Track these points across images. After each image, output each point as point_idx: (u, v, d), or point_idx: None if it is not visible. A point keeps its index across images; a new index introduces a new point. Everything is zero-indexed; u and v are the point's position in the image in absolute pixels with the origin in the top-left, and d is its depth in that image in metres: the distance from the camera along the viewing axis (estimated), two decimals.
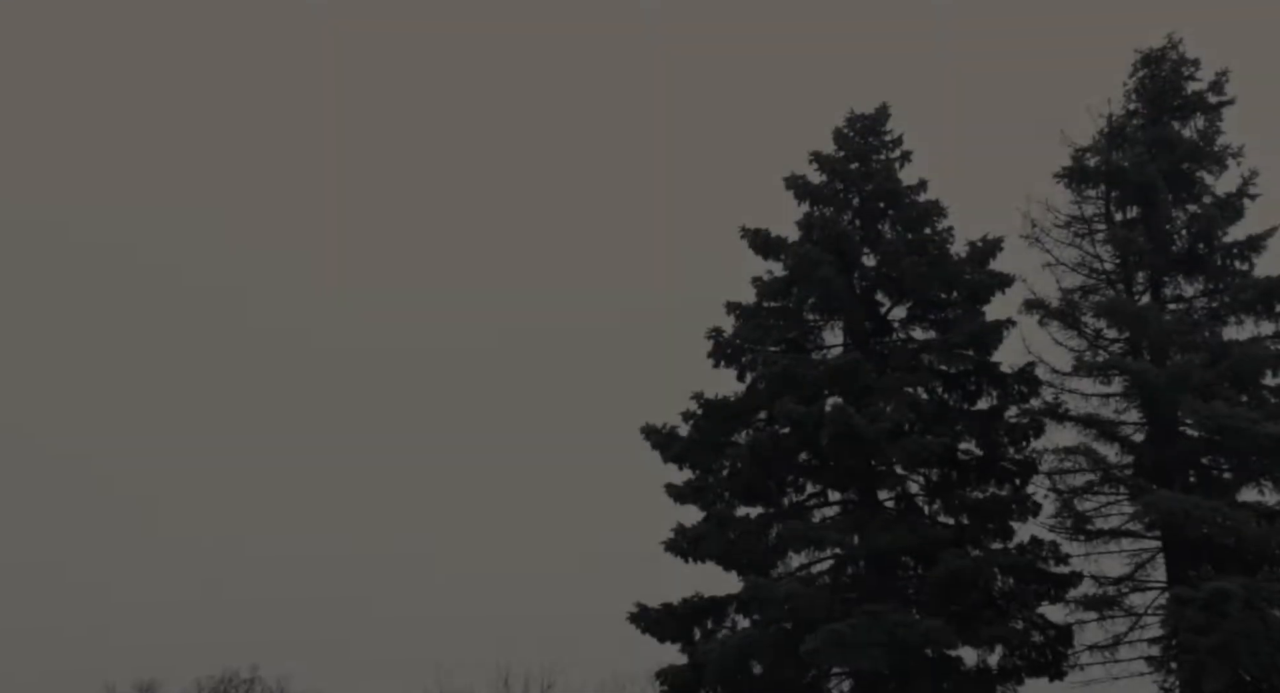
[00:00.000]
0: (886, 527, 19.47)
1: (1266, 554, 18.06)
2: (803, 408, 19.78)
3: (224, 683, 52.66)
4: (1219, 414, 18.07)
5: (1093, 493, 19.83)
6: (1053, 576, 19.89)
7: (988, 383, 21.28)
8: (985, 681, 19.32)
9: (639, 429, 21.39)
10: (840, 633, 17.79)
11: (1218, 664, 16.46)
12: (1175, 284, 21.01)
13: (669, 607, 20.30)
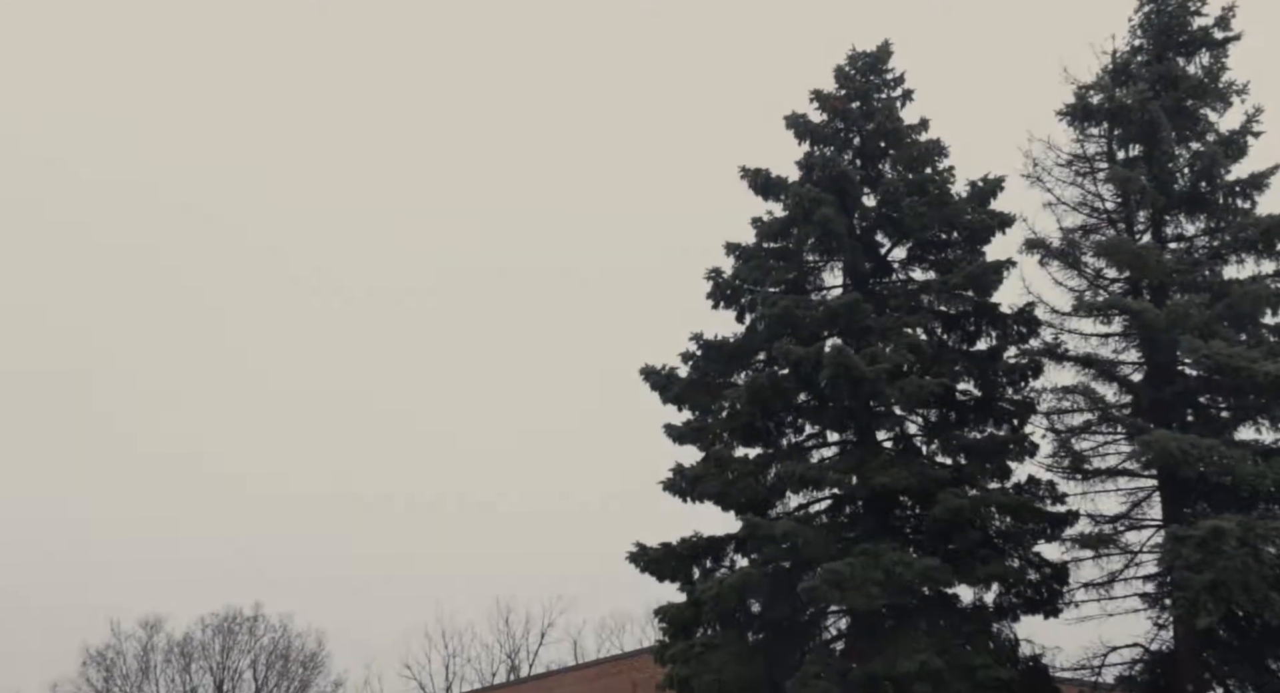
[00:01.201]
0: (885, 467, 19.51)
1: (1262, 492, 18.10)
2: (802, 349, 19.80)
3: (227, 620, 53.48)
4: (1218, 353, 18.03)
5: (1090, 433, 19.88)
6: (1049, 514, 20.00)
7: (987, 323, 21.27)
8: (981, 618, 19.47)
9: (638, 370, 21.47)
10: (838, 572, 17.91)
11: (1212, 600, 16.56)
12: (1177, 223, 20.92)
13: (668, 546, 20.45)
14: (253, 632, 53.82)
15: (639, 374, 21.39)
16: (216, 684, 52.85)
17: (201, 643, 53.32)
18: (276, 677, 54.24)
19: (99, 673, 52.69)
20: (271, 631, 54.22)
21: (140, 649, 53.08)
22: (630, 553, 20.61)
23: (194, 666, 53.08)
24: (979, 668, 18.07)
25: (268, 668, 53.89)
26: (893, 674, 17.98)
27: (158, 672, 52.96)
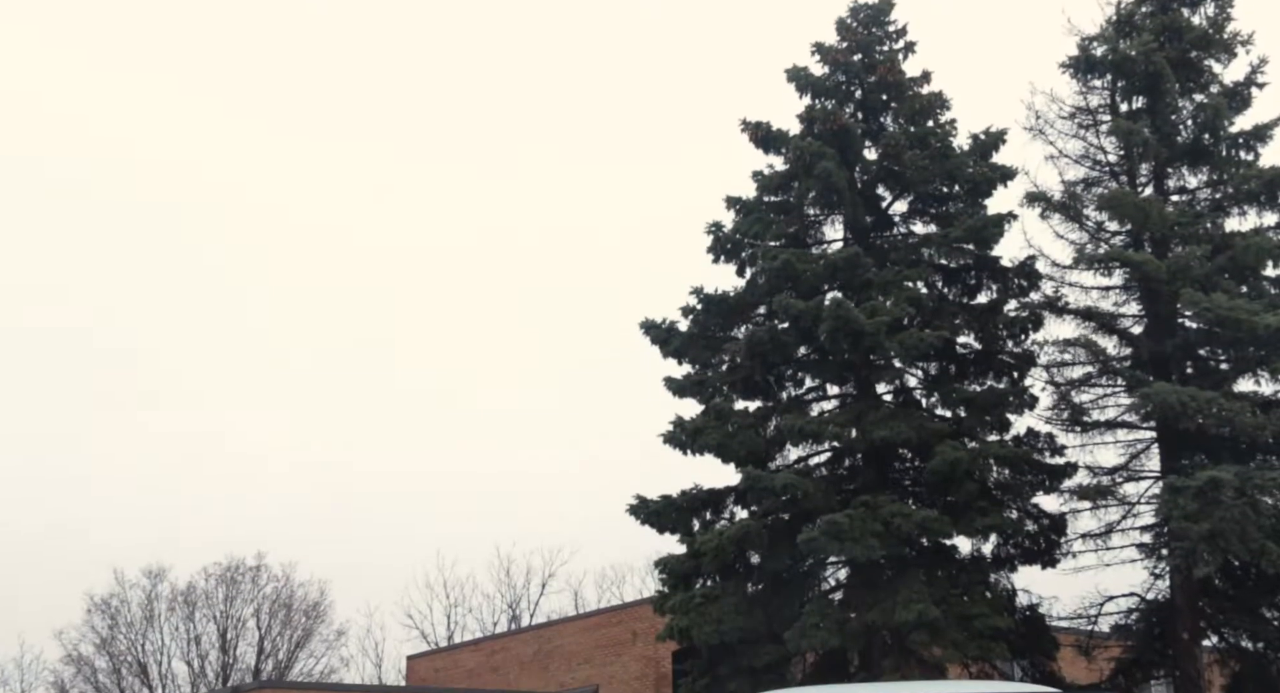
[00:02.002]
0: (884, 420, 19.60)
1: (1260, 443, 18.24)
2: (802, 302, 19.82)
3: (230, 570, 53.94)
4: (1218, 306, 18.07)
5: (1090, 385, 19.97)
6: (1048, 466, 20.13)
7: (988, 277, 21.29)
8: (979, 568, 19.66)
9: (638, 324, 21.52)
10: (837, 523, 18.04)
11: (1208, 550, 16.73)
12: (1179, 176, 20.88)
13: (668, 499, 20.58)
14: (255, 582, 54.27)
15: (639, 328, 21.44)
16: (220, 633, 53.39)
17: (205, 592, 53.78)
18: (279, 626, 54.79)
19: (103, 621, 53.24)
20: (274, 580, 54.68)
21: (144, 598, 53.58)
22: (630, 505, 20.74)
23: (197, 614, 53.58)
24: (976, 618, 18.27)
25: (271, 617, 54.42)
26: (891, 624, 18.19)
27: (162, 620, 53.49)
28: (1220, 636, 20.17)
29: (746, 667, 18.91)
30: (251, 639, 53.72)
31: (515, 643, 33.77)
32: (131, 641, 53.09)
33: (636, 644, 28.45)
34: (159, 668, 52.85)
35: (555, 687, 30.68)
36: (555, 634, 32.13)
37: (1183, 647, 18.90)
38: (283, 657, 54.19)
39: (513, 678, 32.24)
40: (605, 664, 29.38)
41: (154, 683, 52.57)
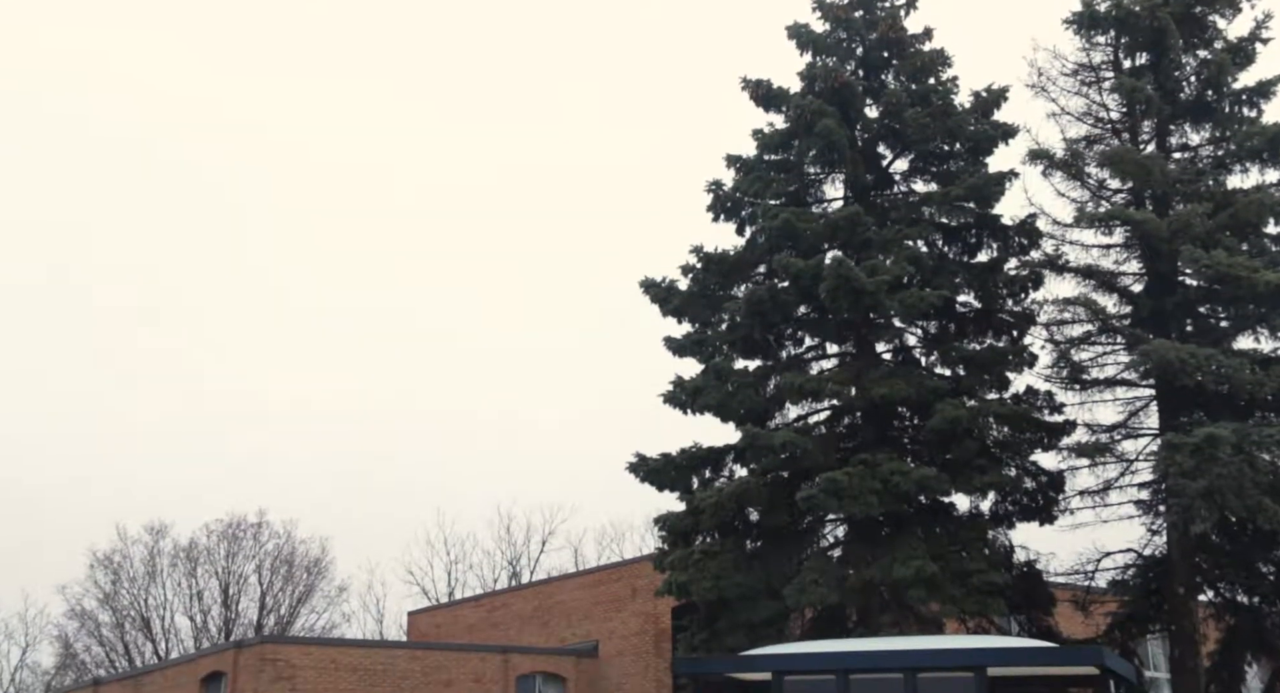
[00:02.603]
0: (884, 378, 19.63)
1: (1259, 400, 18.29)
2: (802, 261, 19.78)
3: (232, 527, 54.27)
4: (1219, 263, 18.05)
5: (1090, 343, 20.00)
6: (1047, 424, 20.19)
7: (988, 235, 21.25)
8: (977, 525, 19.76)
9: (638, 283, 21.49)
10: (836, 481, 18.11)
11: (1205, 507, 16.80)
12: (1182, 133, 20.78)
13: (667, 457, 20.65)
14: (257, 538, 54.59)
15: (639, 287, 21.42)
16: (222, 588, 53.77)
17: (207, 549, 54.12)
18: (281, 582, 55.17)
19: (106, 576, 53.61)
20: (276, 537, 55.03)
21: (147, 554, 53.91)
22: (630, 463, 20.82)
23: (200, 570, 53.96)
24: (974, 574, 18.39)
25: (272, 573, 54.79)
26: (889, 580, 18.32)
27: (164, 576, 53.87)
28: (1216, 591, 20.35)
29: (745, 622, 19.07)
30: (253, 595, 54.13)
31: (516, 599, 34.05)
32: (134, 596, 53.48)
33: (636, 600, 28.69)
34: (162, 623, 53.30)
35: (555, 642, 30.97)
36: (555, 591, 32.38)
37: (1178, 602, 19.06)
38: (284, 612, 54.63)
39: (513, 633, 32.54)
40: (605, 620, 29.65)
41: (157, 637, 53.00)
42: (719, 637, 19.19)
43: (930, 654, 13.63)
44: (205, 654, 30.67)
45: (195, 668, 29.61)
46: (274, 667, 27.10)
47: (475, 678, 28.99)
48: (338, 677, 27.53)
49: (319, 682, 27.32)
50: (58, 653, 54.95)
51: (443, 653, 29.36)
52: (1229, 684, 20.18)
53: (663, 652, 28.19)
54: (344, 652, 28.59)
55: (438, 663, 28.84)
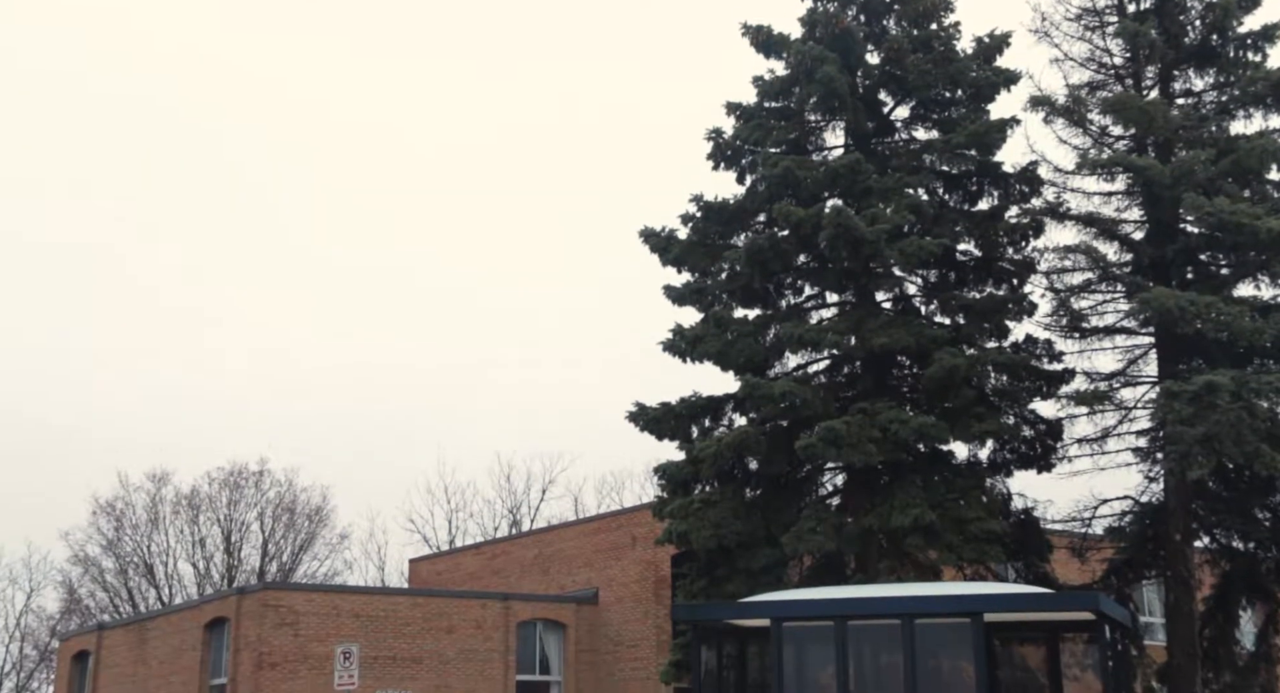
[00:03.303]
0: (883, 327, 19.62)
1: (1258, 348, 18.30)
2: (802, 210, 19.69)
3: (233, 475, 54.58)
4: (1221, 210, 17.97)
5: (1090, 291, 19.94)
6: (1046, 373, 20.22)
7: (989, 183, 21.13)
8: (975, 473, 19.86)
9: (637, 232, 21.41)
10: (835, 430, 18.16)
11: (1203, 453, 16.86)
12: (1185, 78, 20.58)
13: (667, 406, 20.69)
14: (259, 486, 54.87)
15: (638, 236, 21.34)
16: (224, 536, 54.15)
17: (208, 496, 54.43)
18: (283, 529, 55.55)
19: (109, 523, 53.97)
20: (277, 485, 55.31)
21: (149, 501, 54.23)
22: (630, 412, 20.87)
23: (201, 518, 54.32)
24: (971, 521, 18.50)
25: (274, 521, 55.15)
26: (887, 528, 18.44)
27: (166, 523, 54.24)
28: (1211, 537, 20.50)
29: (744, 570, 19.22)
30: (255, 542, 54.54)
31: (516, 547, 34.31)
32: (137, 542, 53.88)
33: (636, 548, 28.91)
34: (165, 569, 53.75)
35: (555, 589, 31.24)
36: (556, 539, 32.61)
37: (1174, 548, 19.20)
38: (286, 560, 55.08)
39: (514, 581, 32.82)
40: (605, 568, 29.90)
41: (160, 583, 53.46)
42: (718, 584, 19.35)
43: (927, 601, 13.75)
44: (208, 600, 30.96)
45: (199, 614, 29.91)
46: (277, 613, 27.38)
47: (476, 625, 29.29)
48: (340, 623, 27.81)
49: (321, 627, 27.61)
50: (62, 598, 55.52)
51: (444, 600, 29.65)
52: (1223, 628, 20.41)
53: (662, 599, 28.46)
54: (346, 598, 28.87)
55: (439, 610, 29.12)
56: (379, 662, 27.67)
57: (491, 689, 29.00)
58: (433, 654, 28.55)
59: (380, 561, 67.78)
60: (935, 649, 13.78)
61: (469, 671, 28.93)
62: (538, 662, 30.16)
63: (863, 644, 14.05)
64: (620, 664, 29.35)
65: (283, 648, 27.18)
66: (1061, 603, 14.56)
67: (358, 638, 26.33)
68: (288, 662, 27.14)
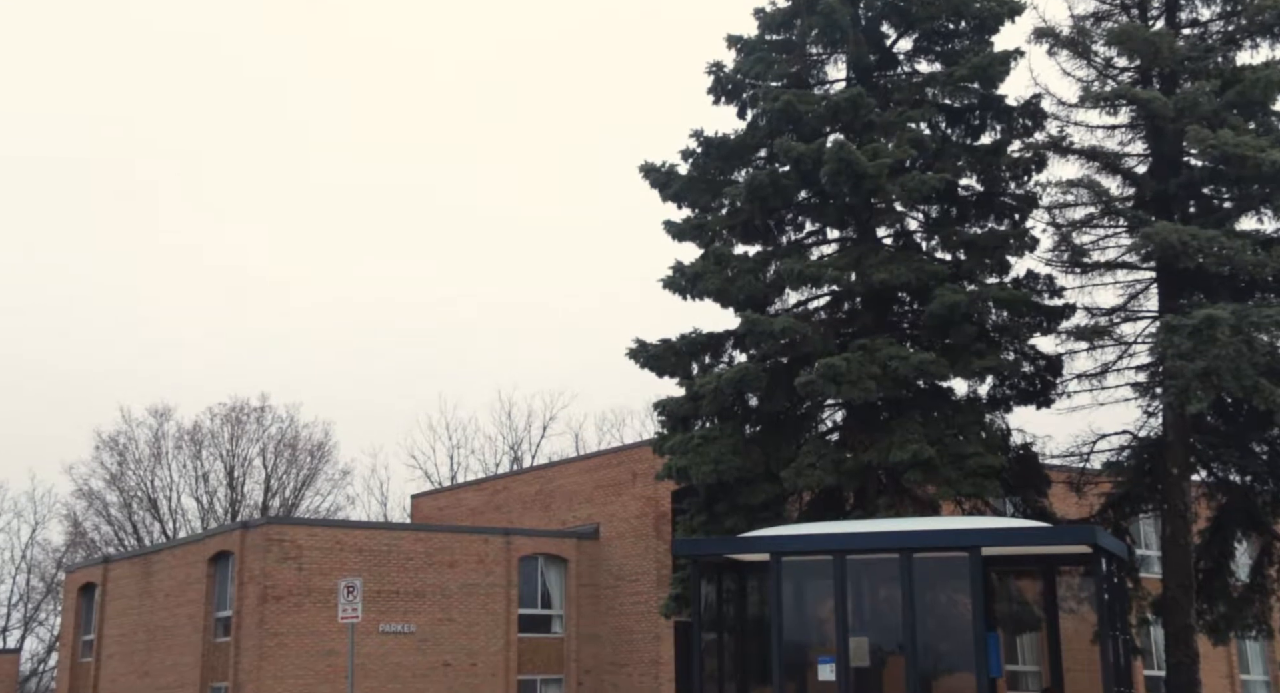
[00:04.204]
0: (884, 263, 19.53)
1: (1259, 281, 18.25)
2: (803, 145, 19.50)
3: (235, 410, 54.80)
4: (1224, 142, 17.79)
5: (1091, 226, 19.81)
6: (1046, 308, 20.18)
7: (992, 117, 20.89)
8: (974, 409, 19.90)
9: (638, 167, 21.24)
10: (835, 366, 18.16)
11: (1202, 388, 16.87)
12: (1192, 7, 20.25)
13: (667, 342, 20.68)
14: (260, 422, 55.10)
15: (639, 171, 21.17)
16: (227, 471, 54.48)
17: (211, 432, 54.67)
18: (285, 465, 55.87)
19: (112, 458, 54.27)
20: (279, 421, 55.54)
21: (151, 437, 54.48)
22: (630, 349, 20.87)
23: (204, 453, 54.61)
24: (970, 457, 18.58)
25: (276, 456, 55.45)
26: (886, 464, 18.53)
27: (169, 458, 54.54)
28: (1209, 470, 20.61)
29: (743, 505, 19.35)
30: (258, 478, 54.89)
31: (517, 483, 34.53)
32: (140, 477, 54.25)
33: (636, 484, 29.10)
34: (169, 503, 54.18)
35: (557, 525, 31.50)
36: (557, 475, 32.81)
37: (1171, 482, 19.30)
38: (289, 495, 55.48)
39: (515, 517, 33.09)
40: (605, 504, 30.12)
41: (164, 518, 53.92)
42: (718, 519, 19.49)
43: (926, 535, 13.87)
44: (212, 534, 31.23)
45: (203, 548, 30.19)
46: (280, 547, 27.64)
47: (478, 559, 29.57)
48: (343, 557, 28.09)
49: (324, 562, 27.89)
50: (67, 532, 56.04)
51: (446, 535, 29.91)
52: (1218, 560, 20.61)
53: (663, 534, 28.71)
54: (349, 533, 29.12)
55: (441, 545, 29.39)
56: (382, 596, 27.99)
57: (494, 623, 29.37)
58: (435, 589, 28.87)
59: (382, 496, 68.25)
60: (933, 583, 13.95)
61: (471, 605, 29.28)
62: (539, 596, 30.51)
63: (861, 578, 14.21)
64: (621, 599, 29.69)
65: (286, 582, 27.49)
66: (1059, 537, 14.69)
67: (361, 573, 26.60)
68: (292, 595, 27.46)
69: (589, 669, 30.26)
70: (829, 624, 13.95)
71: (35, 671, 54.93)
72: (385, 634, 28.01)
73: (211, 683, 28.58)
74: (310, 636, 27.28)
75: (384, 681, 27.81)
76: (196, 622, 29.37)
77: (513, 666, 29.37)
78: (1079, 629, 14.82)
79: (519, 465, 52.67)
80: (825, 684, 13.52)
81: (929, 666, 13.72)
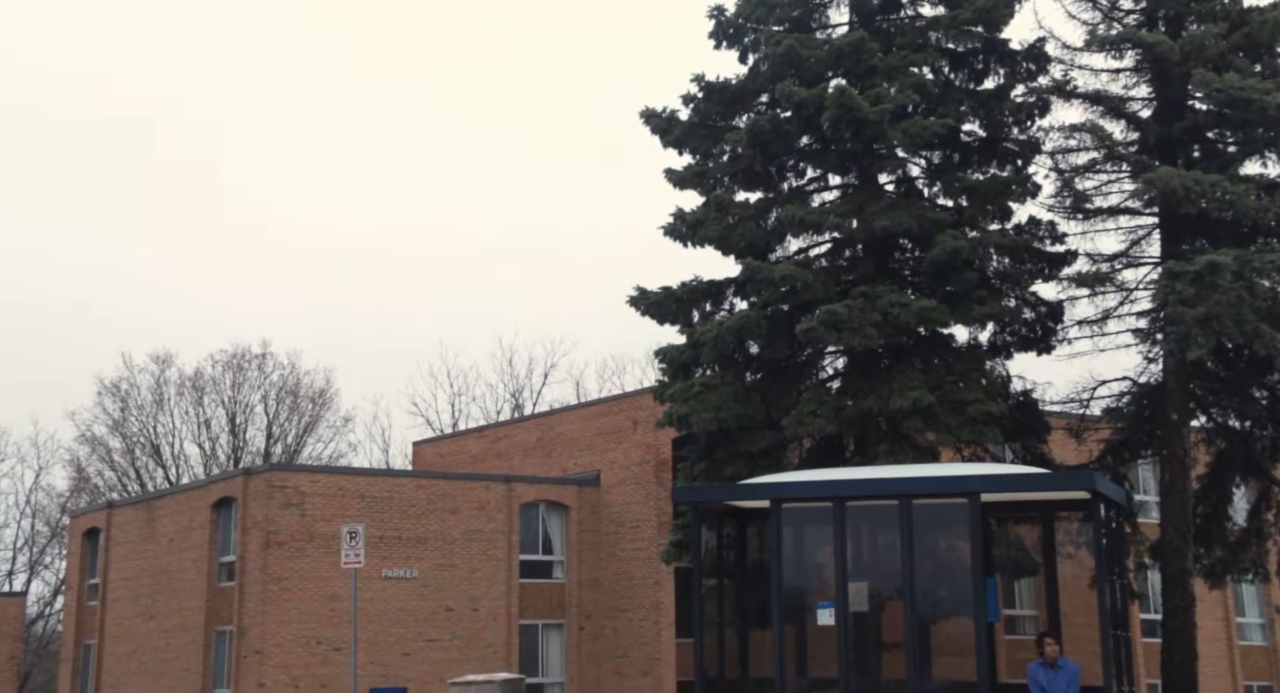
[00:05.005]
0: (885, 210, 19.42)
1: (1262, 227, 18.17)
2: (805, 90, 19.30)
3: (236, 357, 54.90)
4: (1230, 86, 17.62)
5: (1094, 172, 19.68)
6: (1048, 254, 20.11)
7: (995, 61, 20.67)
8: (975, 356, 19.89)
9: (638, 113, 21.05)
10: (836, 313, 18.13)
11: (1203, 333, 16.85)
12: None
13: (668, 290, 20.63)
14: (262, 369, 55.20)
15: (639, 117, 20.98)
16: (229, 417, 54.67)
17: (212, 378, 54.78)
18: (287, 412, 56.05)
19: (114, 404, 54.43)
20: (280, 367, 55.64)
21: (153, 383, 54.59)
22: (631, 297, 20.82)
23: (206, 399, 54.77)
24: (970, 403, 18.60)
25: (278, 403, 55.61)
26: (886, 411, 18.56)
27: (171, 404, 54.70)
28: (1208, 416, 20.65)
29: (744, 452, 19.41)
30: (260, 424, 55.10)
31: (518, 431, 34.66)
32: (143, 423, 54.46)
33: (637, 432, 29.21)
34: (171, 450, 54.44)
35: (558, 472, 31.67)
36: (558, 422, 32.92)
37: (1171, 427, 19.34)
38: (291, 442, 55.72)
39: (516, 464, 33.25)
40: (606, 451, 30.25)
41: (167, 463, 54.20)
42: (718, 467, 19.56)
43: (925, 482, 13.90)
44: (215, 481, 31.42)
45: (206, 494, 30.38)
46: (283, 493, 27.81)
47: (480, 506, 29.77)
48: (345, 504, 28.27)
49: (326, 508, 28.08)
50: (71, 477, 56.36)
51: (448, 482, 30.08)
52: (1216, 505, 20.73)
53: (663, 481, 28.87)
54: (351, 480, 29.28)
55: (443, 491, 29.57)
56: (384, 542, 28.21)
57: (495, 569, 29.63)
58: (437, 535, 29.09)
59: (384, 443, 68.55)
60: (933, 529, 14.01)
61: (473, 551, 29.51)
62: (540, 542, 30.75)
63: (861, 525, 14.28)
64: (622, 545, 29.92)
65: (289, 528, 27.70)
66: (1057, 483, 14.74)
67: (363, 519, 26.79)
68: (294, 541, 27.67)
69: (590, 615, 30.57)
70: (828, 570, 14.04)
71: (41, 614, 55.51)
72: (388, 580, 28.28)
73: (216, 627, 28.91)
74: (313, 581, 27.54)
75: (387, 625, 28.12)
76: (200, 567, 29.63)
77: (514, 611, 29.68)
78: (1077, 574, 14.91)
79: (520, 413, 52.82)
80: (825, 629, 13.63)
81: (928, 610, 13.83)
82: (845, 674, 13.37)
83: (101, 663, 33.12)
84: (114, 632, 33.01)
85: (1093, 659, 13.09)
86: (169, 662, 30.08)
